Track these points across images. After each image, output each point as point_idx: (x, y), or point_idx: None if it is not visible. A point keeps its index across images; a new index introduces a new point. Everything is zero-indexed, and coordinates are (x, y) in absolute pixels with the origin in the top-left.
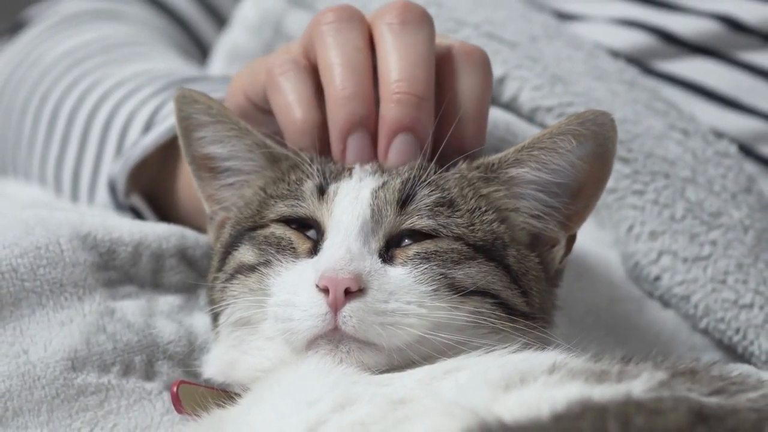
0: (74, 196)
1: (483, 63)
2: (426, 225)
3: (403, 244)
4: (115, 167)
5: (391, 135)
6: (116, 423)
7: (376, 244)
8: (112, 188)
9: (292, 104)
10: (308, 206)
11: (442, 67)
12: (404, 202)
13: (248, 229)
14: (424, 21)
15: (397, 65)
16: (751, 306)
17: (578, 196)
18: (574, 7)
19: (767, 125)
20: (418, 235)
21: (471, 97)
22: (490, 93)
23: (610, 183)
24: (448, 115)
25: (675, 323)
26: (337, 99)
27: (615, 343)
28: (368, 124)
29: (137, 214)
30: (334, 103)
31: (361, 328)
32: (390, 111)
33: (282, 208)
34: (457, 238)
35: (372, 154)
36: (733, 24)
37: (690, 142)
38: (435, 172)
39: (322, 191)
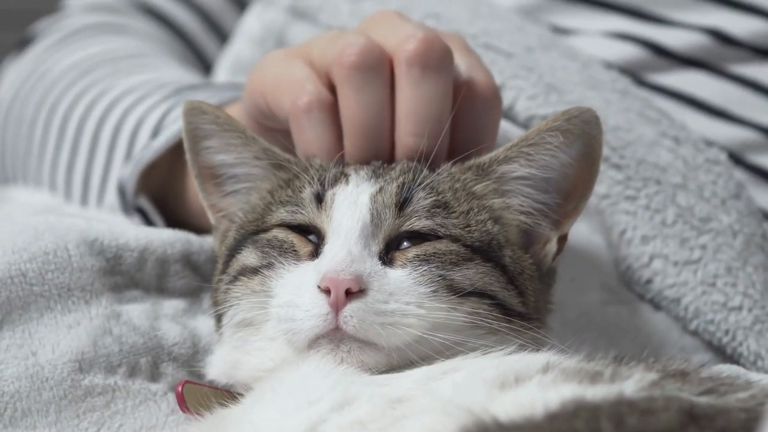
0: (84, 200)
1: (496, 100)
2: (424, 225)
3: (402, 247)
4: (125, 170)
5: None
6: (122, 423)
7: (376, 246)
8: (121, 192)
9: (314, 149)
10: (307, 213)
11: (459, 103)
12: (402, 205)
13: (252, 233)
14: (443, 64)
15: (413, 119)
16: (740, 308)
17: (568, 196)
18: (569, 22)
19: (756, 135)
20: (416, 238)
21: (485, 134)
22: (499, 122)
23: (603, 189)
24: (461, 147)
25: (666, 325)
26: (354, 159)
27: (607, 344)
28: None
29: (144, 216)
30: (352, 161)
31: (362, 327)
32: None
33: (283, 214)
34: (455, 239)
35: None
36: (722, 37)
37: (681, 150)
38: (427, 175)
39: (320, 199)
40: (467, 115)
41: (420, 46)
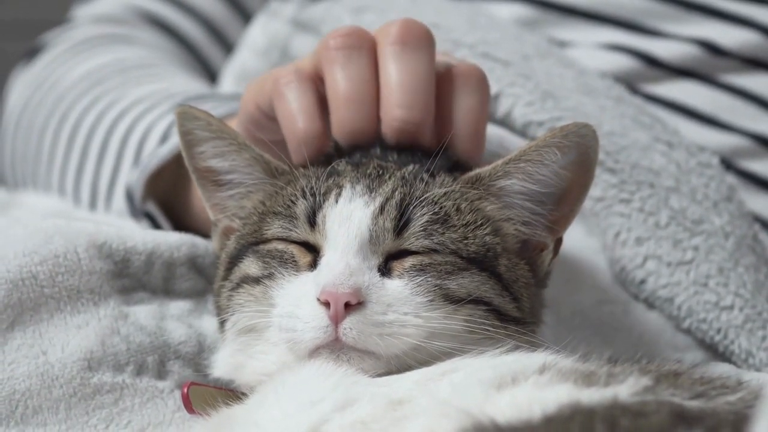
0: (92, 205)
1: (480, 82)
2: (423, 246)
3: (400, 257)
4: (132, 176)
5: None
6: (130, 420)
7: (375, 260)
8: (130, 197)
9: (295, 114)
10: (301, 232)
11: (442, 86)
12: (401, 228)
13: (252, 243)
14: (424, 42)
15: (398, 91)
16: (731, 308)
17: (563, 202)
18: (565, 35)
19: (746, 141)
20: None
21: (468, 115)
22: (487, 110)
23: (598, 192)
24: (447, 133)
25: (659, 324)
26: (342, 132)
27: (602, 342)
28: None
29: (152, 220)
30: (339, 135)
31: (361, 339)
32: (391, 140)
33: (278, 230)
34: (452, 252)
35: None
36: (712, 48)
37: (674, 154)
38: (424, 183)
39: (312, 220)
40: (453, 95)
41: (400, 27)
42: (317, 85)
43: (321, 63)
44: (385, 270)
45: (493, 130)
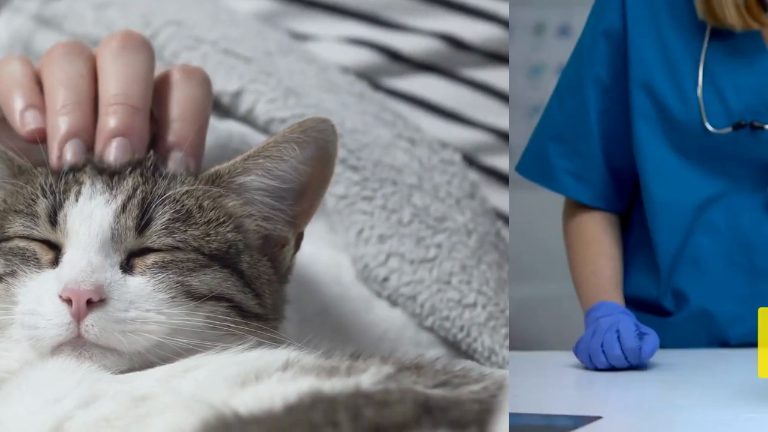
0: None
1: (199, 77)
2: (165, 244)
3: (142, 255)
4: None
5: (107, 140)
6: None
7: (117, 257)
8: None
9: (10, 87)
10: (42, 231)
11: (161, 88)
12: (143, 227)
13: None
14: (142, 46)
15: (115, 83)
16: (474, 305)
17: (303, 197)
18: (306, 28)
19: (488, 136)
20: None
21: (183, 102)
22: (205, 100)
23: (341, 189)
24: (165, 122)
25: (402, 321)
26: (56, 114)
27: (344, 340)
28: (85, 136)
29: None
30: (53, 118)
31: (103, 336)
32: (106, 121)
33: (19, 228)
34: (194, 249)
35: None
36: (454, 42)
37: (416, 151)
38: (167, 181)
39: (53, 219)
40: (172, 90)
41: (119, 34)
42: (39, 80)
43: (41, 67)
44: (127, 267)
45: (235, 128)
